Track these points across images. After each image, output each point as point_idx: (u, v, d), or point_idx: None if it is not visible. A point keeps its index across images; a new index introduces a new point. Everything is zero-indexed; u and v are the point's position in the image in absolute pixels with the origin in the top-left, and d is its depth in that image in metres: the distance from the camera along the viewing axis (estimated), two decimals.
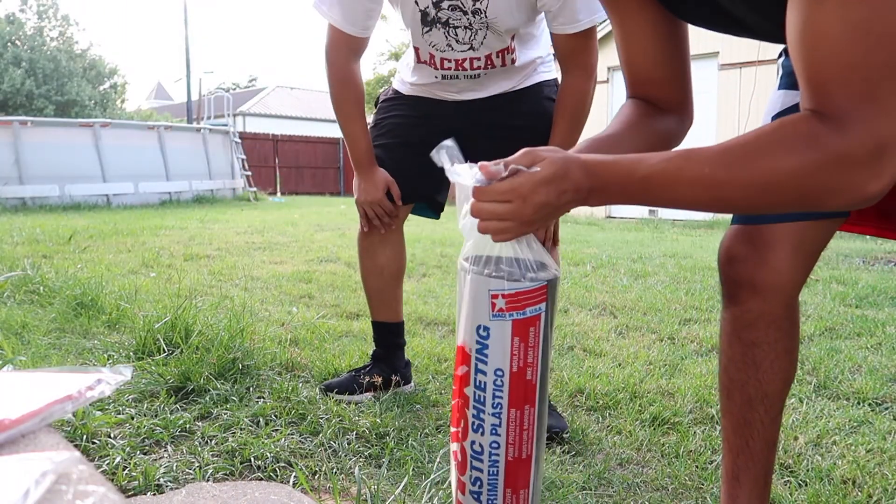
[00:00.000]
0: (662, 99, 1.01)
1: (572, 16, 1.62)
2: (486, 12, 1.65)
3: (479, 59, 1.77)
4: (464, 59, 1.78)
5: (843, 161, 0.68)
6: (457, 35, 1.72)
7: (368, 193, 1.88)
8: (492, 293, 0.80)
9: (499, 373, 0.82)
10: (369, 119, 1.94)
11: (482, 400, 0.83)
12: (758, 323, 1.09)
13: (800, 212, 0.74)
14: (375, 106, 2.04)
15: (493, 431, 0.84)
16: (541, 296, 0.80)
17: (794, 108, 1.05)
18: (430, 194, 1.98)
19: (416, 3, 1.69)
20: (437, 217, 2.05)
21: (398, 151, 1.92)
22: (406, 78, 1.94)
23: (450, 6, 1.66)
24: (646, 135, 0.99)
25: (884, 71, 0.67)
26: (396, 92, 1.98)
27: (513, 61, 1.78)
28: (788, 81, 1.08)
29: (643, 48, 1.02)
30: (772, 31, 0.86)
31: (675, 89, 1.02)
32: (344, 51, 1.77)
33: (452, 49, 1.76)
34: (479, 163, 0.80)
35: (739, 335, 1.11)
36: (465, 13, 1.67)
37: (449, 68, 1.80)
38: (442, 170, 0.85)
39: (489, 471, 0.85)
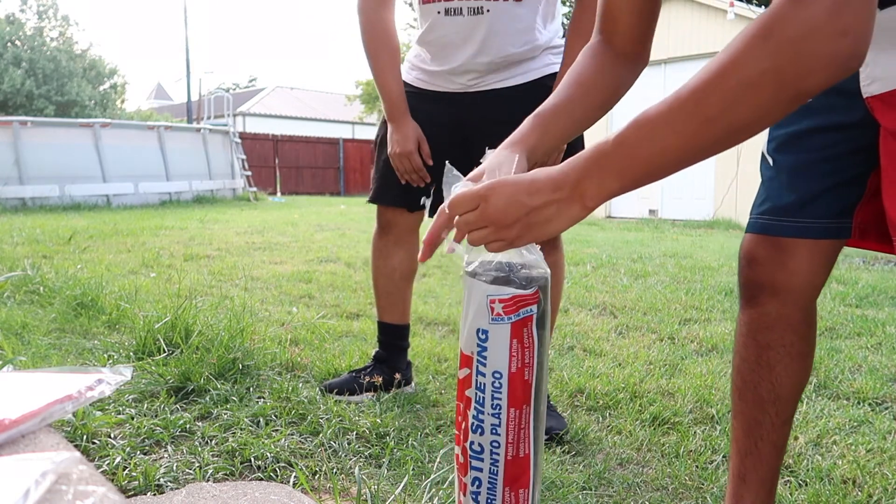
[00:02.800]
0: (625, 43, 1.01)
1: None
2: None
3: None
4: None
5: (806, 34, 0.63)
6: None
7: (401, 145, 1.84)
8: (489, 298, 0.83)
9: (497, 374, 0.84)
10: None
11: (482, 401, 0.86)
12: (775, 325, 1.10)
13: (789, 110, 0.68)
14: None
15: (493, 431, 0.86)
16: (534, 298, 0.83)
17: None
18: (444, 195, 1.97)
19: None
20: None
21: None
22: (414, 66, 1.92)
23: None
24: (597, 92, 0.99)
25: None
26: (406, 84, 1.95)
27: None
28: None
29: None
30: None
31: (639, 36, 1.01)
32: None
33: None
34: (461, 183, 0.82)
35: (755, 337, 1.12)
36: None
37: None
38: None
39: (490, 470, 0.87)
